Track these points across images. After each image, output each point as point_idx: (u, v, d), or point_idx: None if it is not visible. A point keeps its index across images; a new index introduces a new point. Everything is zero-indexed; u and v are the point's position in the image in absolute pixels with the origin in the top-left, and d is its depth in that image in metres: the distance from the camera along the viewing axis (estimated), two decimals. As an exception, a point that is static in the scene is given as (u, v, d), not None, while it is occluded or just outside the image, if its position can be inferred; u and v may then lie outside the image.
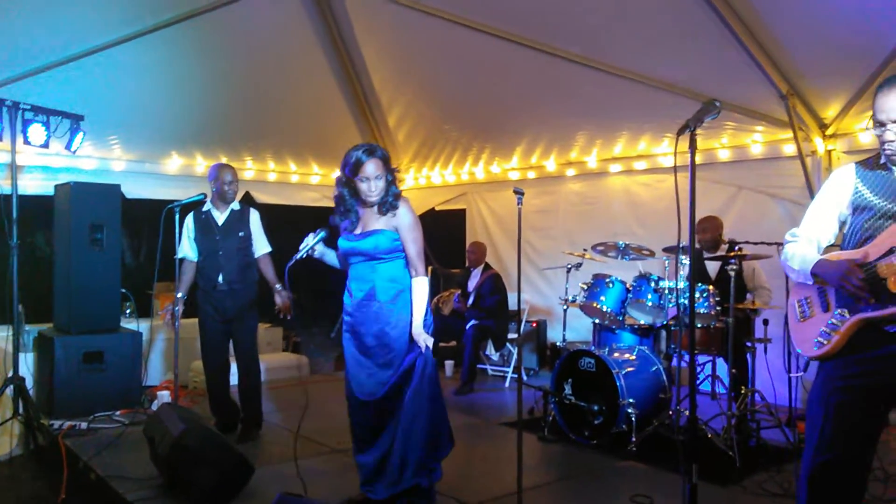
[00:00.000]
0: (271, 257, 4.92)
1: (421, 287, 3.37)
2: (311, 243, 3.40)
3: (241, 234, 4.80)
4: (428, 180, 8.65)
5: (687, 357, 4.61)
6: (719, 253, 5.18)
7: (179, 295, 4.74)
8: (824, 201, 2.51)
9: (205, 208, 4.82)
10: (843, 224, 2.49)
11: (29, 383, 5.08)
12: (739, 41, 4.63)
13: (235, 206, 4.88)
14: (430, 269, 8.01)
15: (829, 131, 5.31)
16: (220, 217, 4.80)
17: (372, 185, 3.29)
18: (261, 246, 4.90)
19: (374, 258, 3.36)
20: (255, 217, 4.92)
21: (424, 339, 3.34)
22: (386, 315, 3.35)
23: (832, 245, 2.52)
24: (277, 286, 4.74)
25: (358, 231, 3.40)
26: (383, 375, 3.36)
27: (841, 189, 2.46)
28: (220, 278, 4.71)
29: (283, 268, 3.42)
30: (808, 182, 5.28)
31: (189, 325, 5.27)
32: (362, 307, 3.38)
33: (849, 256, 2.34)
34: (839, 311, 2.34)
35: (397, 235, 3.35)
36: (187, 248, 4.77)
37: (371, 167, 3.27)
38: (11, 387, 4.86)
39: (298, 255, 3.39)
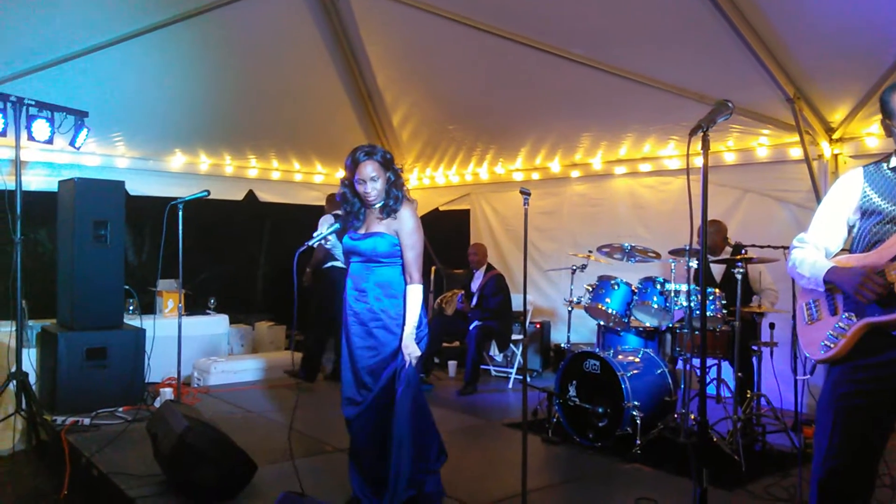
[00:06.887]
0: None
1: (415, 295, 3.27)
2: (325, 233, 3.37)
3: None
4: (432, 180, 8.64)
5: (692, 360, 4.61)
6: (723, 256, 5.16)
7: None
8: (831, 206, 2.48)
9: None
10: (851, 228, 2.46)
11: (32, 379, 5.06)
12: (746, 44, 4.61)
13: None
14: (433, 269, 8.01)
15: (835, 135, 5.29)
16: None
17: (368, 186, 3.24)
18: None
19: (371, 260, 3.30)
20: None
21: (411, 352, 3.23)
22: (376, 320, 3.28)
23: (842, 249, 2.49)
24: None
25: (362, 231, 3.35)
26: (366, 380, 3.30)
27: (848, 193, 2.43)
28: None
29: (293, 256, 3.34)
30: (814, 186, 5.26)
31: (189, 323, 5.22)
32: (355, 308, 3.33)
33: (860, 261, 2.32)
34: (847, 314, 2.32)
35: (397, 240, 3.28)
36: None
37: (368, 169, 3.22)
38: (14, 382, 4.86)
39: (310, 242, 3.35)
